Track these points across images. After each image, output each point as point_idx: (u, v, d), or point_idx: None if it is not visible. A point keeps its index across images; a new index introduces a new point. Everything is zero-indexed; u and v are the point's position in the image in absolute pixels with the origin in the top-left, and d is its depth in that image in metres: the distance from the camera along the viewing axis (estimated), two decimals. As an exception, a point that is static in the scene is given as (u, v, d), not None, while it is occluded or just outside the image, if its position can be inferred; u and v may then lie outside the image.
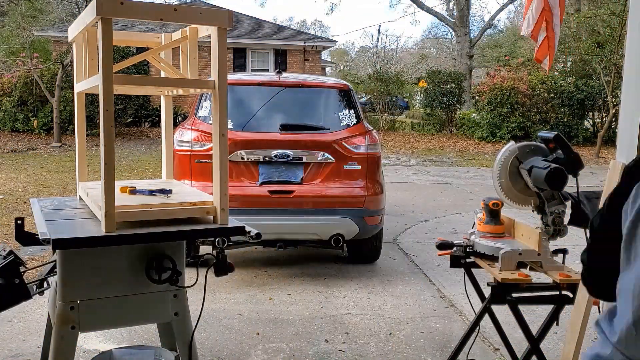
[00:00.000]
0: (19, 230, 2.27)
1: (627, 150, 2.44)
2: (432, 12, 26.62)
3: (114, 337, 3.66)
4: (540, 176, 2.37)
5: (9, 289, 2.12)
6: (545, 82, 18.50)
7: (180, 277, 2.25)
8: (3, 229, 6.43)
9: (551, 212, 2.50)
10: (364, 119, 5.41)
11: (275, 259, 5.68)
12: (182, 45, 2.68)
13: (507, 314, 2.85)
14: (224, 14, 2.18)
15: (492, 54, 32.92)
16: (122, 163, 12.01)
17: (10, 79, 16.42)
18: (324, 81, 5.56)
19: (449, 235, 6.35)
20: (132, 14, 2.03)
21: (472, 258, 2.72)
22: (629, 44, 2.44)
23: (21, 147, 14.85)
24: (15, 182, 9.61)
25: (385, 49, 33.50)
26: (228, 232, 2.26)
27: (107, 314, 2.19)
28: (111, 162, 2.04)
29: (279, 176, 4.82)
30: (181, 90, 2.61)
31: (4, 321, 3.86)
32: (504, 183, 2.58)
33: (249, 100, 5.12)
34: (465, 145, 18.06)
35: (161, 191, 2.41)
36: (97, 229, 2.13)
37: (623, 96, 2.48)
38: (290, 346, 3.67)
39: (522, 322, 2.51)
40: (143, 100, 18.42)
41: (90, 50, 2.55)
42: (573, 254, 2.47)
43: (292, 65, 20.87)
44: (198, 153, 4.75)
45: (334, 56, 46.28)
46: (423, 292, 4.77)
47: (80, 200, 2.75)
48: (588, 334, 3.87)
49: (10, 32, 18.01)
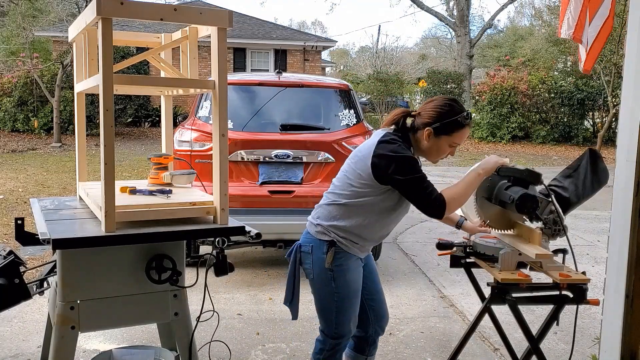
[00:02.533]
0: (19, 230, 2.27)
1: (627, 150, 2.44)
2: (432, 12, 26.60)
3: (114, 337, 3.66)
4: (514, 210, 2.34)
5: (9, 289, 2.12)
6: (545, 82, 18.50)
7: (180, 277, 2.26)
8: (3, 229, 6.43)
9: (547, 216, 2.49)
10: (364, 119, 5.41)
11: (275, 259, 5.68)
12: (182, 45, 2.68)
13: (507, 314, 2.85)
14: (224, 14, 2.18)
15: (492, 54, 32.89)
16: (122, 163, 12.01)
17: (10, 79, 16.42)
18: (324, 81, 5.56)
19: (449, 235, 6.35)
20: (132, 14, 2.03)
21: (472, 258, 2.72)
22: (629, 44, 2.44)
23: (21, 147, 14.85)
24: (15, 182, 9.61)
25: (385, 49, 33.52)
26: (228, 232, 2.26)
27: (107, 314, 2.19)
28: (111, 162, 2.05)
29: (279, 176, 4.82)
30: (181, 90, 2.61)
31: (4, 321, 3.86)
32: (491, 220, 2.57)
33: (249, 100, 5.12)
34: (465, 145, 18.05)
35: (161, 191, 2.41)
36: (97, 229, 2.13)
37: (623, 96, 2.47)
38: (290, 346, 3.67)
39: (522, 322, 2.50)
40: (143, 100, 18.41)
41: (90, 50, 2.56)
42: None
43: (292, 65, 20.87)
44: (198, 153, 4.75)
45: (334, 56, 46.29)
46: (423, 292, 4.77)
47: (80, 200, 2.75)
48: (588, 334, 3.87)
49: (10, 32, 18.03)
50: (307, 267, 2.44)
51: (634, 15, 2.44)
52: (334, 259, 2.36)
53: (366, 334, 2.62)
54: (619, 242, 2.42)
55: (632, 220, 2.36)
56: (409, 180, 2.22)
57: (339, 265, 2.39)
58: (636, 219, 2.34)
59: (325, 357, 2.50)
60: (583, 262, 5.48)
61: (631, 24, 2.46)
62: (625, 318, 2.38)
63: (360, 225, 2.37)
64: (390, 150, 2.26)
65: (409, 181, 2.22)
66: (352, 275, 2.43)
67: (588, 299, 2.39)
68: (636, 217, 2.34)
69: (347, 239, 2.38)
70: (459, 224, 2.74)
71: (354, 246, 2.41)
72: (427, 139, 2.36)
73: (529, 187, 2.36)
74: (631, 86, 2.41)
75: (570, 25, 3.70)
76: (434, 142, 2.36)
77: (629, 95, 2.42)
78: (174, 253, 2.24)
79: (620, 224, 2.36)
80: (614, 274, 2.47)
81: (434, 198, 2.23)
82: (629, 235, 2.38)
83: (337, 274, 2.39)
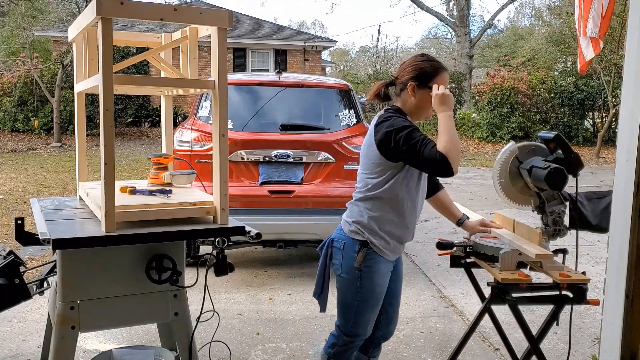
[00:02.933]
0: (19, 230, 2.27)
1: (627, 150, 2.44)
2: (432, 12, 26.62)
3: (114, 337, 3.66)
4: (540, 176, 2.37)
5: (9, 289, 2.12)
6: (545, 82, 18.50)
7: (180, 277, 2.26)
8: (3, 229, 6.43)
9: (551, 212, 2.50)
10: (364, 119, 5.41)
11: (275, 259, 5.68)
12: (182, 45, 2.68)
13: (507, 314, 2.85)
14: (224, 14, 2.18)
15: (492, 54, 32.87)
16: (122, 163, 12.01)
17: (10, 79, 16.41)
18: (324, 81, 5.56)
19: (449, 235, 6.35)
20: (132, 14, 2.03)
21: (472, 258, 2.72)
22: (629, 44, 2.44)
23: (21, 147, 14.85)
24: (15, 182, 9.61)
25: (385, 49, 33.56)
26: (228, 232, 2.26)
27: (107, 314, 2.19)
28: (111, 162, 2.05)
29: (279, 176, 4.82)
30: (181, 90, 2.61)
31: (4, 321, 3.86)
32: (504, 183, 2.58)
33: (249, 100, 5.12)
34: (465, 145, 18.06)
35: (161, 191, 2.41)
36: (97, 229, 2.13)
37: (623, 96, 2.47)
38: (290, 346, 3.67)
39: (522, 322, 2.51)
40: (143, 100, 18.41)
41: (90, 50, 2.56)
42: (573, 254, 2.47)
43: (292, 65, 20.87)
44: (198, 153, 4.75)
45: (334, 56, 46.29)
46: (423, 292, 4.77)
47: (80, 200, 2.75)
48: (588, 334, 3.87)
49: (10, 32, 18.02)
50: (337, 263, 2.46)
51: (634, 15, 2.44)
52: (364, 259, 2.38)
53: (373, 334, 2.61)
54: (619, 242, 2.41)
55: (632, 220, 2.36)
56: (411, 146, 2.23)
57: (369, 266, 2.39)
58: (636, 219, 2.34)
59: (337, 352, 2.51)
60: (583, 262, 5.48)
61: (631, 24, 2.46)
62: (625, 318, 2.37)
63: (391, 212, 2.38)
64: (387, 126, 2.29)
65: (411, 147, 2.23)
66: (379, 278, 2.44)
67: (588, 299, 2.40)
68: (636, 217, 2.34)
69: (380, 238, 2.38)
70: (461, 221, 2.73)
71: (386, 248, 2.40)
72: (412, 93, 2.38)
73: None
74: (631, 86, 2.40)
75: (597, 23, 3.66)
76: (420, 95, 2.38)
77: (629, 95, 2.42)
78: (174, 253, 2.24)
79: (620, 224, 2.36)
80: (614, 274, 2.47)
81: (438, 158, 2.19)
82: (629, 235, 2.38)
83: (365, 274, 2.40)
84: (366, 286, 2.41)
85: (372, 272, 2.41)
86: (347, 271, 2.42)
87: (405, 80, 2.40)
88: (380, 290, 2.46)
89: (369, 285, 2.41)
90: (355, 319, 2.45)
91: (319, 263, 2.55)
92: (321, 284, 2.53)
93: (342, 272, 2.44)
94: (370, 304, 2.44)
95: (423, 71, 2.38)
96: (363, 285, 2.41)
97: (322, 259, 2.52)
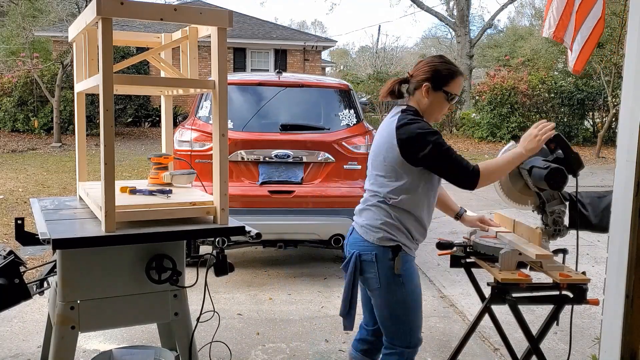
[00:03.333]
0: (19, 230, 2.27)
1: (627, 150, 2.44)
2: (432, 12, 26.60)
3: (114, 337, 3.66)
4: (540, 176, 2.37)
5: (9, 289, 2.12)
6: (545, 82, 18.50)
7: (180, 277, 2.26)
8: (3, 229, 6.43)
9: (551, 212, 2.50)
10: (364, 119, 5.41)
11: (275, 259, 5.68)
12: (182, 45, 2.68)
13: (507, 314, 2.85)
14: (224, 14, 2.18)
15: (492, 54, 32.89)
16: (122, 163, 12.01)
17: (10, 79, 16.41)
18: (324, 81, 5.56)
19: (449, 235, 6.35)
20: (132, 14, 2.03)
21: (472, 258, 2.72)
22: (629, 44, 2.44)
23: (21, 147, 14.85)
24: (15, 182, 9.61)
25: (385, 49, 33.55)
26: (228, 232, 2.26)
27: (107, 314, 2.19)
28: (111, 162, 2.05)
29: (279, 176, 4.82)
30: (181, 90, 2.61)
31: (4, 321, 3.86)
32: (504, 182, 2.59)
33: (249, 100, 5.12)
34: (466, 145, 18.06)
35: (161, 191, 2.41)
36: (97, 229, 2.13)
37: (623, 96, 2.47)
38: (290, 346, 3.67)
39: (522, 322, 2.51)
40: (143, 100, 18.41)
41: (90, 50, 2.56)
42: (573, 254, 2.47)
43: (292, 65, 20.87)
44: (198, 153, 4.75)
45: (334, 56, 46.29)
46: (423, 292, 4.76)
47: (80, 200, 2.75)
48: (588, 334, 3.87)
49: (10, 32, 18.03)
50: (372, 277, 2.35)
51: (634, 15, 2.44)
52: (402, 264, 2.32)
53: (379, 340, 2.56)
54: (619, 242, 2.41)
55: (632, 220, 2.36)
56: (439, 156, 2.21)
57: (407, 269, 2.34)
58: (636, 219, 2.34)
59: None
60: (583, 262, 5.48)
61: (631, 24, 2.46)
62: (625, 318, 2.37)
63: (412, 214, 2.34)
64: (417, 128, 2.25)
65: (440, 156, 2.21)
66: (417, 278, 2.41)
67: (588, 299, 2.40)
68: (636, 217, 2.34)
69: (407, 238, 2.35)
70: (459, 214, 2.71)
71: (413, 247, 2.39)
72: (426, 95, 2.36)
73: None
74: (631, 86, 2.40)
75: (552, 25, 3.70)
76: (433, 97, 2.36)
77: (629, 95, 2.42)
78: (174, 253, 2.24)
79: (620, 224, 2.36)
80: (614, 274, 2.47)
81: (471, 169, 2.20)
82: (629, 235, 2.38)
83: (406, 278, 2.34)
84: (410, 290, 2.35)
85: (410, 274, 2.36)
86: (387, 281, 2.33)
87: (420, 80, 2.37)
88: (420, 291, 2.41)
89: (412, 288, 2.36)
90: (411, 327, 2.38)
91: (345, 280, 2.42)
92: (349, 302, 2.41)
93: (381, 285, 2.33)
94: (418, 305, 2.40)
95: (439, 74, 2.35)
96: (407, 291, 2.34)
97: (347, 277, 2.39)
